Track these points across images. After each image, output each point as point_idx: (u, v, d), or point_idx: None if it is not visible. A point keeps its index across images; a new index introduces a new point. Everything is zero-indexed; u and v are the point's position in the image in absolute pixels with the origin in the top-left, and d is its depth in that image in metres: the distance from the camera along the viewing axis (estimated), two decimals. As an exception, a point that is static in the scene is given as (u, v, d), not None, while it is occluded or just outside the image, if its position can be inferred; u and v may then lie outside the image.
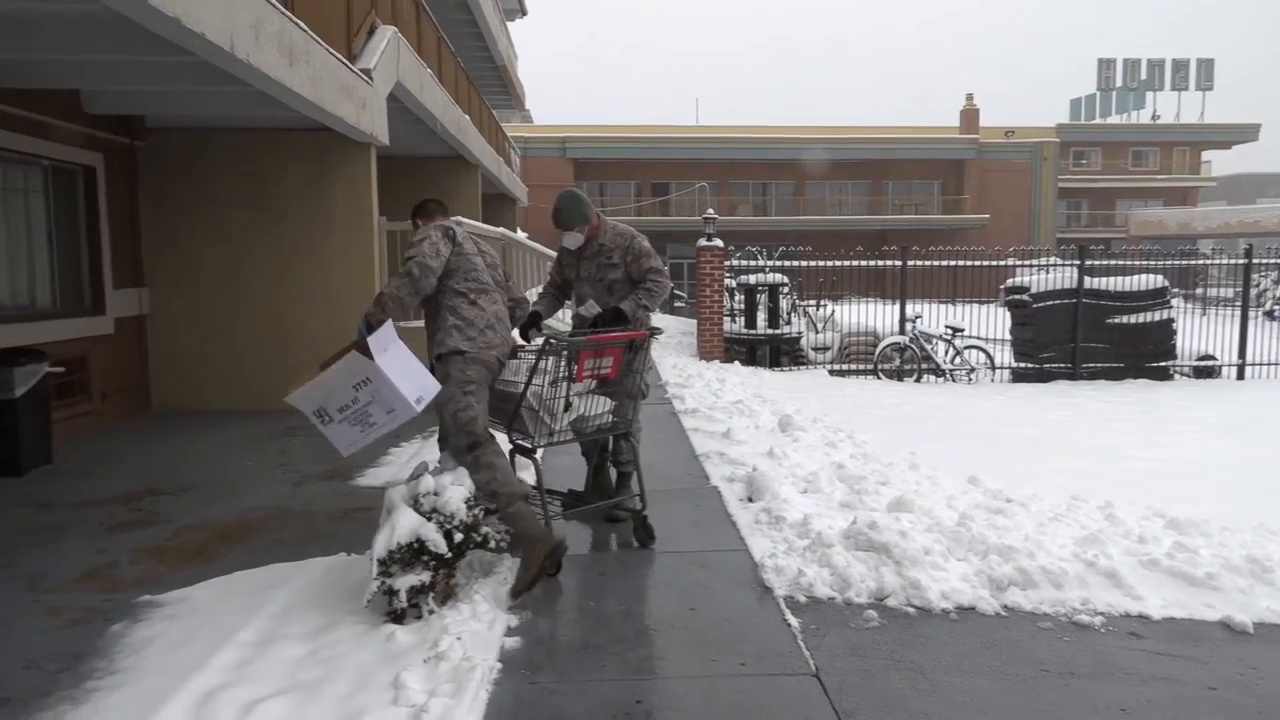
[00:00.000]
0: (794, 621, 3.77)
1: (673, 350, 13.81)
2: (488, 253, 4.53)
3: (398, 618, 3.58)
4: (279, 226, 8.78)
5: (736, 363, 12.87)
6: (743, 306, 14.05)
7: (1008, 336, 13.78)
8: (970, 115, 42.87)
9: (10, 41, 5.77)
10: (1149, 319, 13.08)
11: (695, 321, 14.50)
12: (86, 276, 8.18)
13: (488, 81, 22.90)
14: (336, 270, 8.66)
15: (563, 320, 9.82)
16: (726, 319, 13.77)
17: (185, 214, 8.76)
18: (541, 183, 35.65)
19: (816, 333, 14.24)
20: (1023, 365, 13.33)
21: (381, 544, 3.57)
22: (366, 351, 3.71)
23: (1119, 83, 48.90)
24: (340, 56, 7.56)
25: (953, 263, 13.74)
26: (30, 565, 4.46)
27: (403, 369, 3.83)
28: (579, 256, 5.01)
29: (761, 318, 13.91)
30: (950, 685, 3.27)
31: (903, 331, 13.35)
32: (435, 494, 3.69)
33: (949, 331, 13.24)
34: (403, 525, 3.59)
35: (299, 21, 6.55)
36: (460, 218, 7.50)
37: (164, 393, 8.92)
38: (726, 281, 13.79)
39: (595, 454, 5.25)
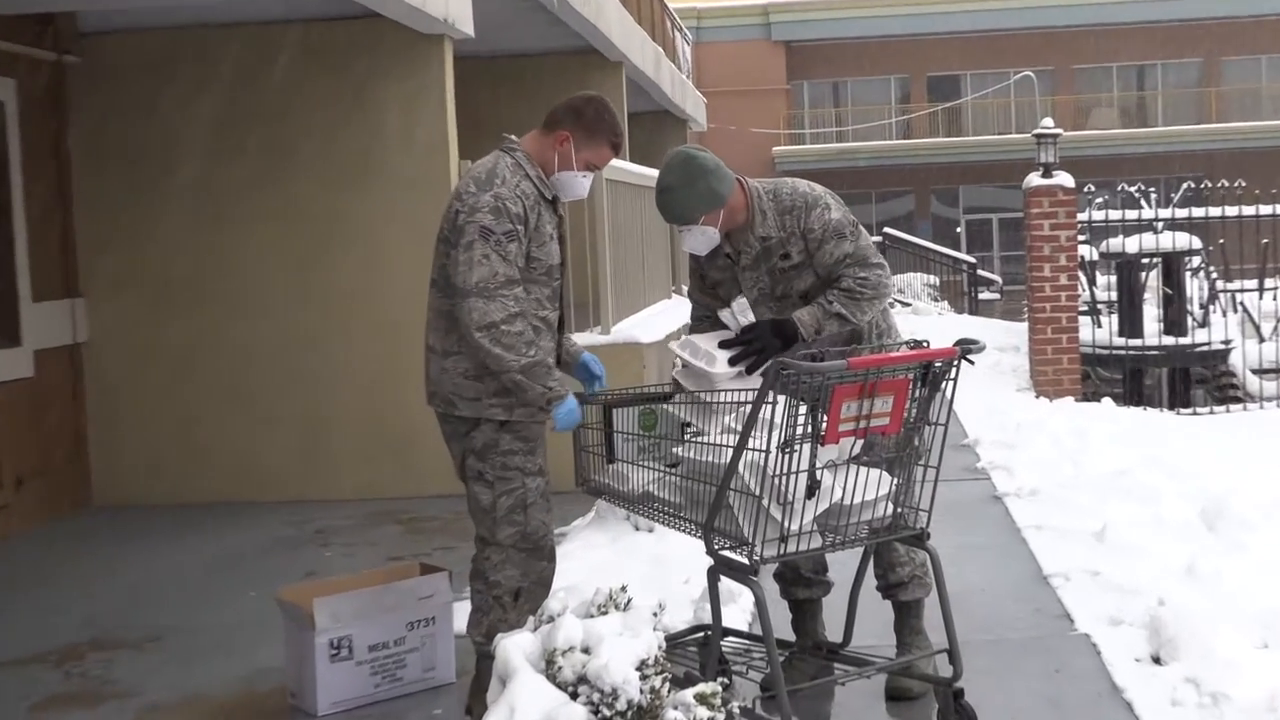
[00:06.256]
0: None
1: (983, 378, 9.60)
2: None
3: None
4: (287, 182, 6.40)
5: (1107, 400, 8.60)
6: (1113, 296, 10.13)
7: None
8: None
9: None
10: None
11: (1023, 326, 10.93)
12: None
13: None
14: (391, 255, 5.95)
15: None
16: (1084, 318, 9.66)
17: (138, 170, 6.38)
18: (729, 87, 24.77)
19: (1261, 341, 9.67)
20: None
21: (483, 749, 2.24)
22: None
23: None
24: None
25: None
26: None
27: None
28: (732, 265, 3.15)
29: (1152, 314, 9.60)
30: None
31: None
32: (584, 650, 2.28)
33: None
34: (526, 710, 2.17)
35: None
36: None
37: (105, 478, 6.52)
38: (1082, 250, 9.71)
39: (806, 579, 3.42)
